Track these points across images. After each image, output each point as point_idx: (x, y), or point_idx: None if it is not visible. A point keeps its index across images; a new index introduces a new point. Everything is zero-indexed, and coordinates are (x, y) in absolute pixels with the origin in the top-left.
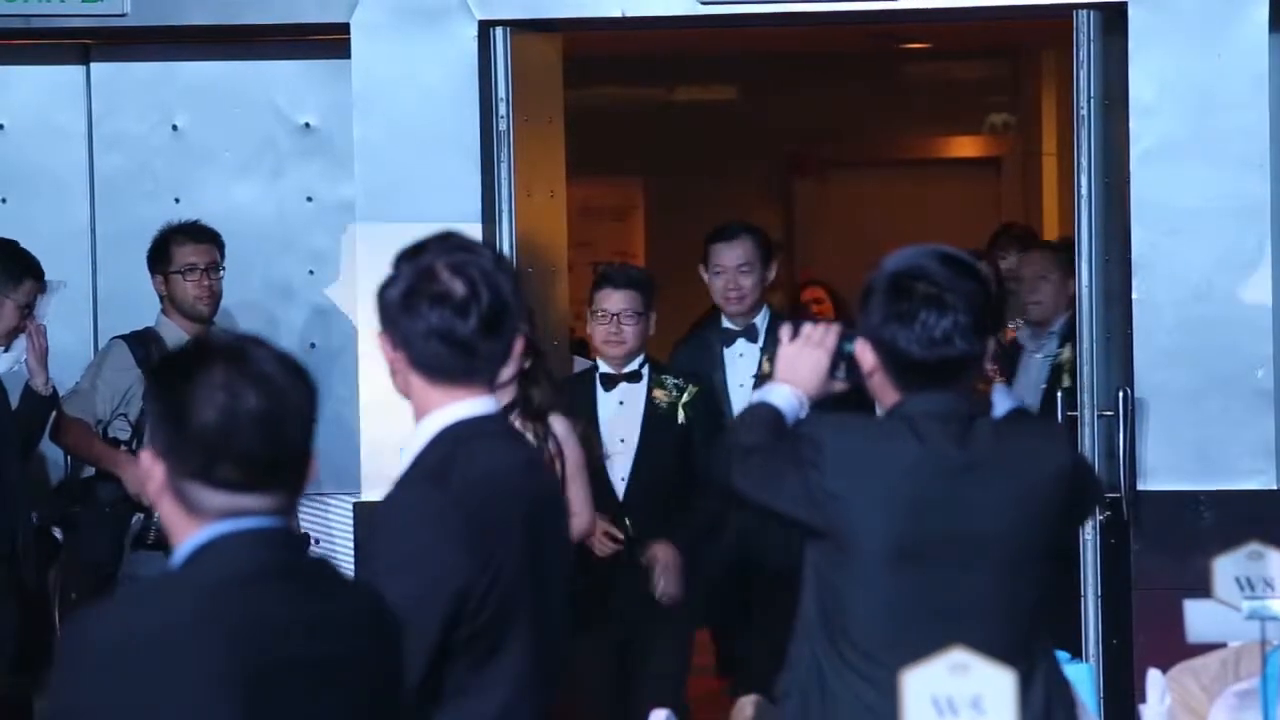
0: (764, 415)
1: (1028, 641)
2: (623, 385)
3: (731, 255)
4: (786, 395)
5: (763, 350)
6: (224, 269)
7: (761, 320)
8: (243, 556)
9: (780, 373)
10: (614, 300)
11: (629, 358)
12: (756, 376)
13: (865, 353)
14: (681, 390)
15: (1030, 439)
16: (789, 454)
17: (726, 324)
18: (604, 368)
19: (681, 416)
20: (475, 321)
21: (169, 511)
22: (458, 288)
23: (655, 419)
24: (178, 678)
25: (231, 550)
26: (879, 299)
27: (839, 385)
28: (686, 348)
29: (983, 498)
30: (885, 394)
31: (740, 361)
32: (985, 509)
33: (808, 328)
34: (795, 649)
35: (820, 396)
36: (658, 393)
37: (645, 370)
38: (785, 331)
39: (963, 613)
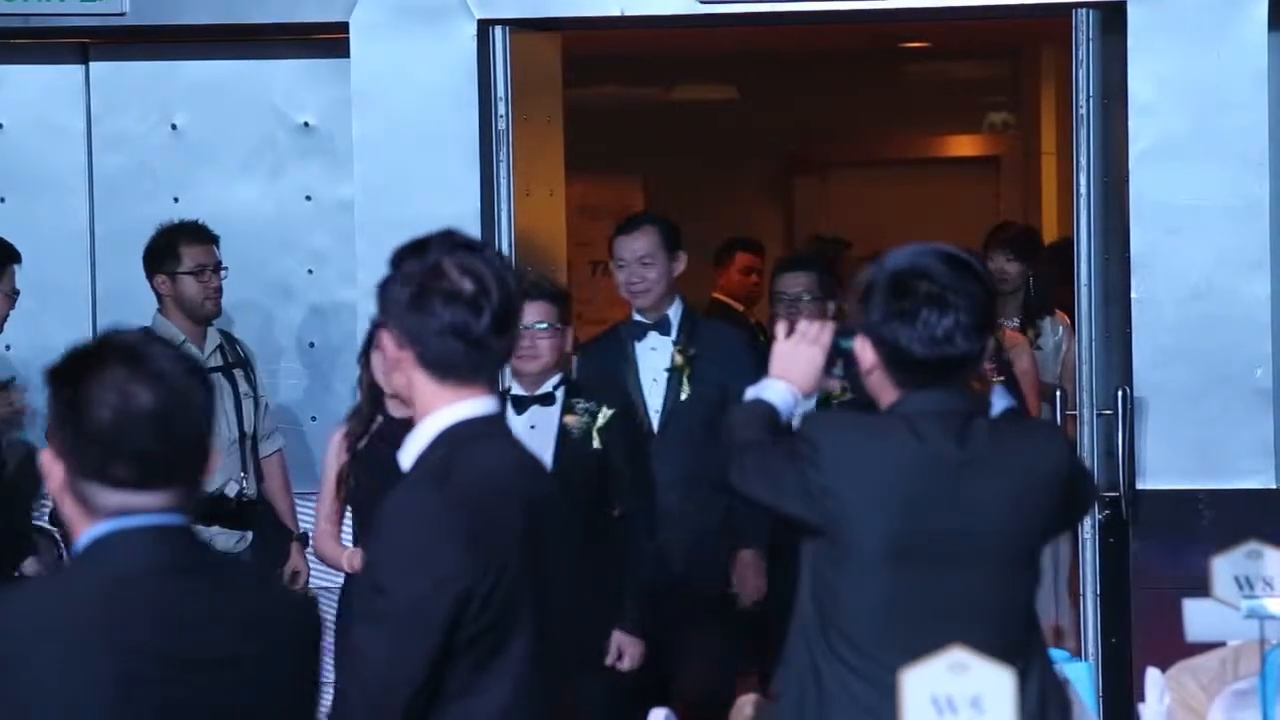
0: (759, 412)
1: (1022, 639)
2: (534, 408)
3: (632, 247)
4: (781, 391)
5: (675, 343)
6: (226, 269)
7: (674, 312)
8: (133, 553)
9: (775, 369)
10: (527, 313)
11: (544, 376)
12: (669, 370)
13: (865, 350)
14: (594, 414)
15: (1027, 438)
16: (786, 451)
17: (637, 317)
18: (515, 388)
19: (596, 442)
20: (488, 319)
21: (69, 511)
22: (468, 285)
23: (568, 446)
24: (60, 674)
25: (122, 546)
26: (880, 297)
27: (833, 382)
28: (596, 345)
29: (980, 496)
30: (883, 392)
31: (652, 355)
32: (983, 507)
33: (803, 324)
34: (790, 647)
35: (814, 393)
36: (568, 418)
37: (560, 393)
38: (781, 328)
39: (959, 611)
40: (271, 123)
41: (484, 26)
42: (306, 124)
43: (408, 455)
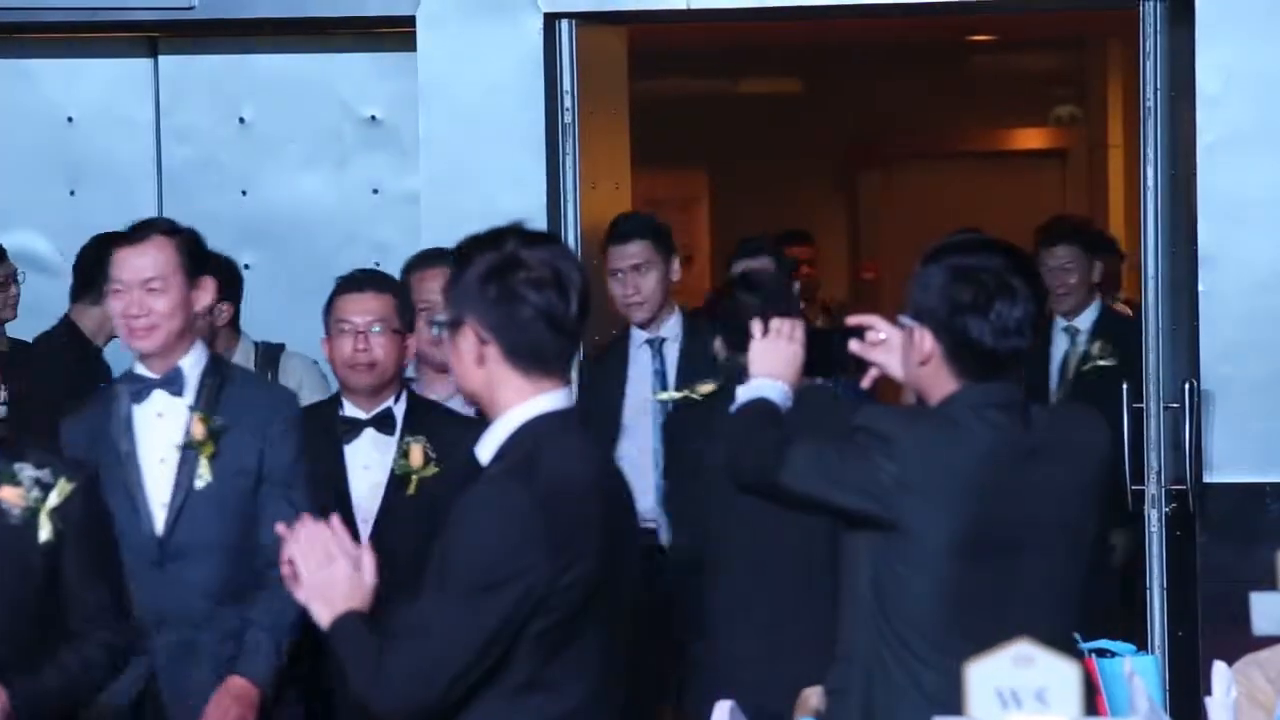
0: (769, 410)
1: (1078, 625)
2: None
3: (135, 266)
4: (775, 389)
5: (193, 408)
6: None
7: (192, 361)
8: None
9: (759, 368)
10: None
11: None
12: (183, 447)
13: (924, 341)
14: (47, 488)
15: (1081, 424)
16: (849, 445)
17: (139, 368)
18: None
19: (46, 531)
20: (576, 306)
21: None
22: (552, 272)
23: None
24: None
25: None
26: (943, 289)
27: (805, 379)
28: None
29: (1047, 483)
30: (938, 384)
31: (158, 425)
32: (1049, 494)
33: (776, 322)
34: (849, 640)
35: (796, 388)
36: (5, 492)
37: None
38: (756, 326)
39: (1027, 598)
40: (338, 116)
41: (550, 19)
42: (373, 117)
43: (486, 449)
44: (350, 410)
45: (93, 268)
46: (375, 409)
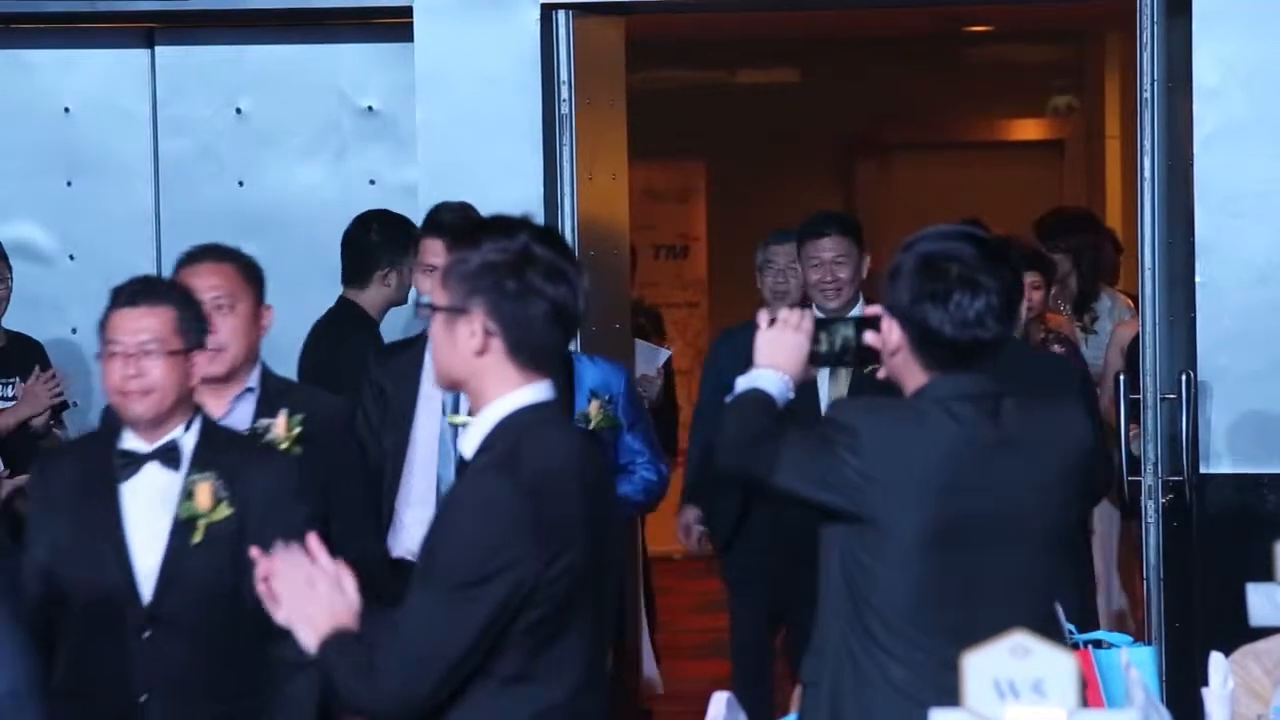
0: (761, 402)
1: (1051, 617)
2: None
3: None
4: (775, 380)
5: None
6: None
7: None
8: None
9: (761, 357)
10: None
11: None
12: None
13: (891, 332)
14: None
15: (1055, 417)
16: (817, 439)
17: None
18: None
19: None
20: (583, 301)
21: None
22: (560, 269)
23: None
24: None
25: None
26: (909, 279)
27: (813, 370)
28: None
29: (1015, 477)
30: (909, 375)
31: None
32: (1017, 488)
33: (784, 313)
34: (821, 632)
35: (801, 379)
36: None
37: None
38: (763, 317)
39: (995, 592)
40: (335, 107)
41: (547, 10)
42: (370, 108)
43: (469, 442)
44: (129, 442)
45: (358, 251)
46: (158, 440)
